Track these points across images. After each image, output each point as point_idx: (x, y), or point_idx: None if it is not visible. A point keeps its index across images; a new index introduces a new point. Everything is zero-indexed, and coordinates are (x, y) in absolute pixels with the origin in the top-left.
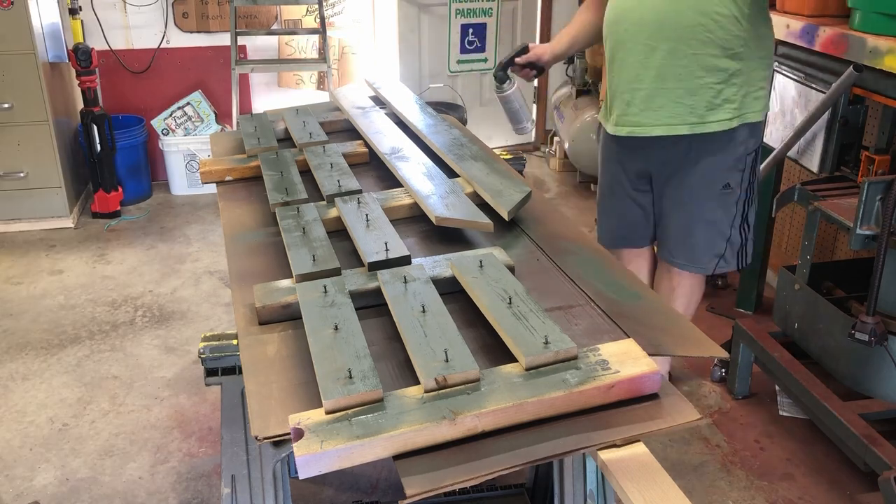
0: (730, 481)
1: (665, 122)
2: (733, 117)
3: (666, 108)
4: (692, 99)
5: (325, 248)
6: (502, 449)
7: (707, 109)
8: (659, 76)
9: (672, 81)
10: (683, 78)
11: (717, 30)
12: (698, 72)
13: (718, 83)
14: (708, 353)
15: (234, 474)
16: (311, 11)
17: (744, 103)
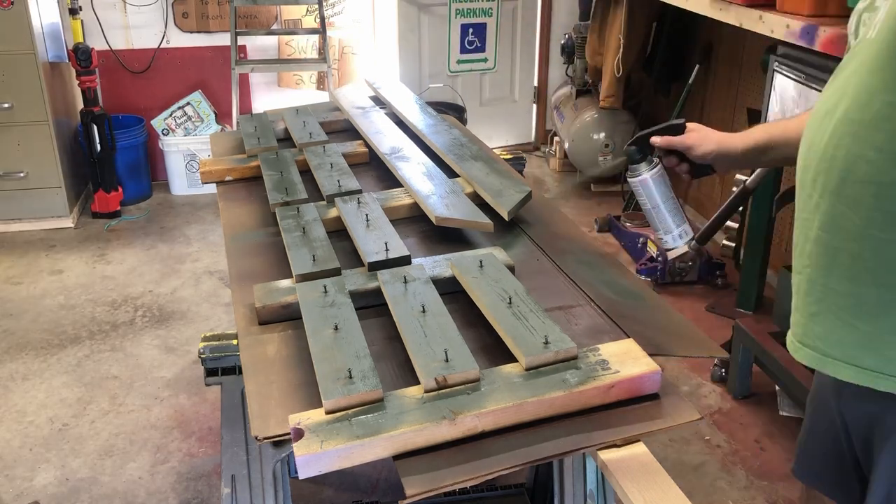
0: (730, 481)
1: (870, 365)
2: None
3: (866, 338)
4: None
5: (325, 248)
6: (502, 449)
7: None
8: (832, 268)
9: (866, 288)
10: (880, 290)
11: None
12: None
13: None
14: (708, 353)
15: (234, 474)
16: (311, 11)
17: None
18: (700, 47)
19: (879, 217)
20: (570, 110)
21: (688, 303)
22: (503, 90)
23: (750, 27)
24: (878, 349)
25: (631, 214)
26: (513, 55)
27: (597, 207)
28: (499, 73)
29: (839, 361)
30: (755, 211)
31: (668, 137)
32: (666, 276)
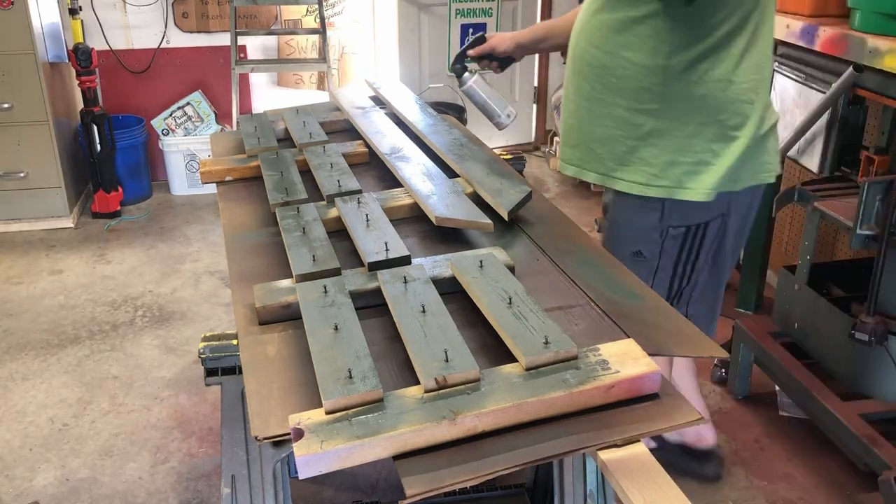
0: (730, 481)
1: (576, 163)
2: (648, 183)
3: (578, 147)
4: (601, 147)
5: (325, 248)
6: (502, 449)
7: (617, 164)
8: (575, 112)
9: (585, 122)
10: (592, 121)
11: (625, 77)
12: (606, 119)
13: (629, 138)
14: (708, 353)
15: (234, 474)
16: (311, 11)
17: (668, 173)
18: None
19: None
20: None
21: None
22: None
23: None
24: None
25: None
26: None
27: (597, 207)
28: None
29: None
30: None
31: (477, 48)
32: None
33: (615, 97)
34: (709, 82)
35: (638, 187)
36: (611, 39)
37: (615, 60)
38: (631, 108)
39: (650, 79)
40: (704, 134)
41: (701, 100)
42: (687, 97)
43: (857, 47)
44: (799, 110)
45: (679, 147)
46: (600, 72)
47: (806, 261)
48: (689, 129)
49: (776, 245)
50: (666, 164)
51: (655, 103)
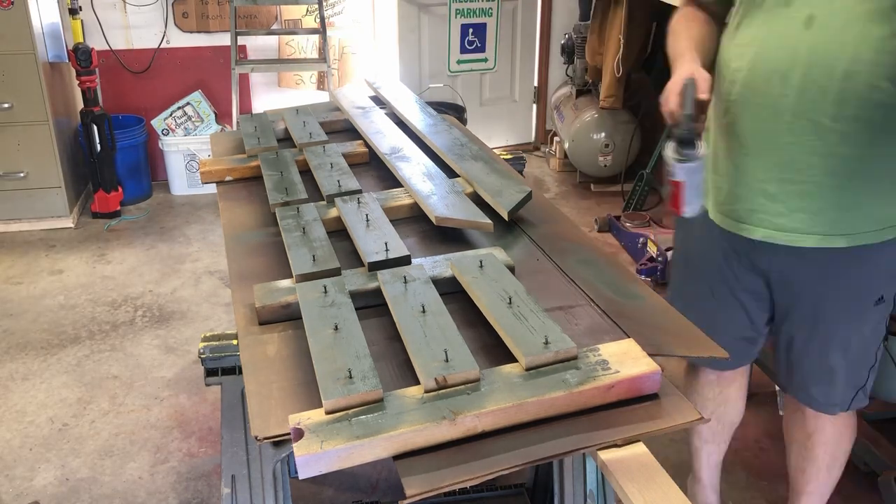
0: (730, 481)
1: (824, 231)
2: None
3: (849, 210)
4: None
5: (325, 248)
6: (502, 449)
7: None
8: (832, 171)
9: (858, 180)
10: (881, 176)
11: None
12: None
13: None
14: (708, 353)
15: (234, 474)
16: (311, 11)
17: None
18: None
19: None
20: (570, 110)
21: None
22: (503, 90)
23: None
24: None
25: (631, 214)
26: (513, 55)
27: (597, 207)
28: (499, 73)
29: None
30: None
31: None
32: (666, 276)
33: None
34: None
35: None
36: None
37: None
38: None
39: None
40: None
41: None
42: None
43: None
44: None
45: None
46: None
47: None
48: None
49: None
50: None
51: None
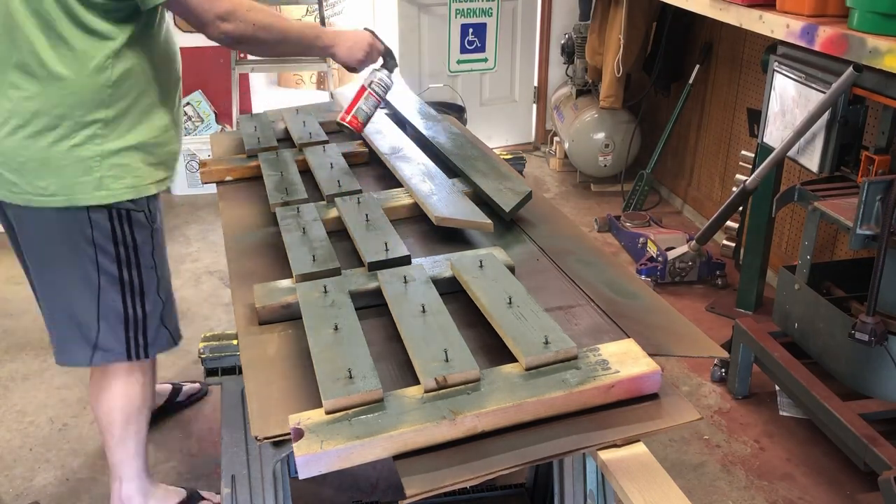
0: (730, 481)
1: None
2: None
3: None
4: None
5: (325, 248)
6: (502, 449)
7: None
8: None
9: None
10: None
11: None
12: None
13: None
14: (708, 353)
15: (234, 474)
16: (311, 11)
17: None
18: (700, 47)
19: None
20: (570, 110)
21: (688, 303)
22: (503, 90)
23: (750, 27)
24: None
25: (631, 214)
26: (513, 55)
27: (597, 207)
28: (499, 73)
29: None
30: (755, 211)
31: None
32: (666, 276)
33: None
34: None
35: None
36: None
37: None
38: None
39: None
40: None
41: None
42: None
43: (857, 47)
44: (799, 110)
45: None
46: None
47: (806, 261)
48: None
49: (776, 245)
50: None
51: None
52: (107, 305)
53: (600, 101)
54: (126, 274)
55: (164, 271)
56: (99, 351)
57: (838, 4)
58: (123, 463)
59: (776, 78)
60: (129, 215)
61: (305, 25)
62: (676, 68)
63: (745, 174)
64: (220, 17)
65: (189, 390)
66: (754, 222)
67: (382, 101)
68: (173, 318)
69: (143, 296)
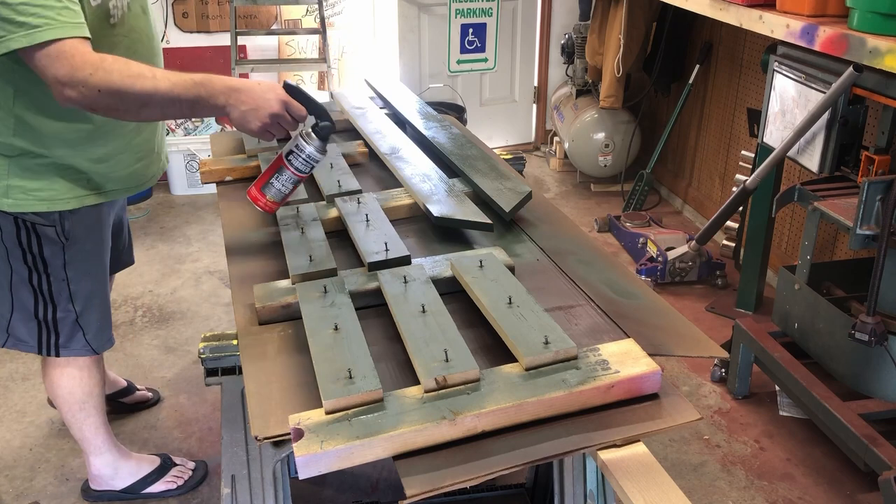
0: (730, 481)
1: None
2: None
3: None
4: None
5: (323, 248)
6: (502, 449)
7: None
8: None
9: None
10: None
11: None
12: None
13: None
14: (708, 353)
15: (234, 474)
16: (311, 11)
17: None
18: (700, 47)
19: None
20: (570, 110)
21: (688, 303)
22: (503, 90)
23: (750, 27)
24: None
25: (631, 214)
26: (513, 55)
27: (597, 207)
28: (499, 73)
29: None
30: (755, 211)
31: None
32: (666, 276)
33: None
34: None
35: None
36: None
37: None
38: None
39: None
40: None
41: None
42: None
43: (857, 47)
44: (799, 110)
45: None
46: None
47: (806, 261)
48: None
49: (776, 245)
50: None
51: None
52: (19, 300)
53: (600, 101)
54: (35, 279)
55: (81, 284)
56: (11, 338)
57: (838, 4)
58: (85, 441)
59: (776, 78)
60: (35, 228)
61: (186, 82)
62: (676, 68)
63: (745, 174)
64: (59, 81)
65: (139, 397)
66: (754, 222)
67: (303, 175)
68: (94, 326)
69: (54, 304)
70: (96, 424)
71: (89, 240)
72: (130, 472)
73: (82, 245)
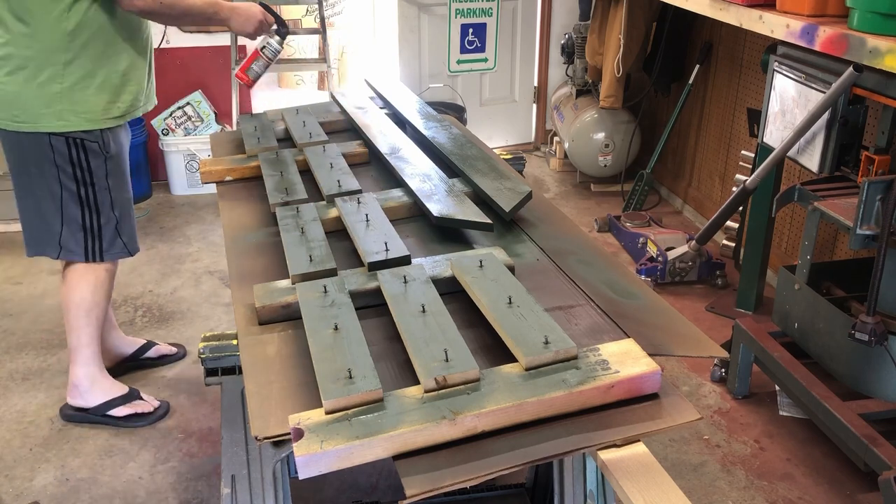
0: (730, 481)
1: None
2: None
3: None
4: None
5: (323, 248)
6: (502, 449)
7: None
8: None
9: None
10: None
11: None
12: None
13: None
14: (708, 353)
15: (234, 474)
16: (311, 11)
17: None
18: (700, 47)
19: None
20: (570, 110)
21: (688, 303)
22: (503, 90)
23: (750, 27)
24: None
25: (631, 214)
26: (513, 55)
27: (597, 207)
28: (499, 73)
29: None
30: (755, 211)
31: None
32: (666, 276)
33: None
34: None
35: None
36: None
37: None
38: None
39: None
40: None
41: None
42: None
43: (857, 47)
44: (799, 110)
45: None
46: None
47: (806, 260)
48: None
49: (776, 245)
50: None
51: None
52: (68, 214)
53: (600, 101)
54: (83, 191)
55: (119, 192)
56: (63, 250)
57: (838, 4)
58: (77, 349)
59: (776, 78)
60: (84, 144)
61: (206, 2)
62: (676, 68)
63: (745, 174)
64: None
65: (164, 349)
66: (754, 222)
67: (271, 62)
68: (128, 232)
69: (98, 211)
70: (92, 335)
71: (120, 154)
72: (103, 390)
73: (117, 158)
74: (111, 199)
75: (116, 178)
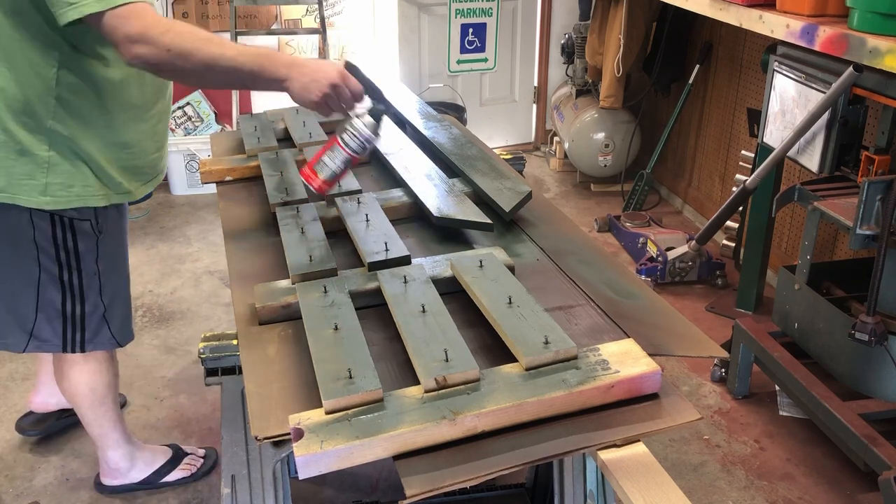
0: (730, 481)
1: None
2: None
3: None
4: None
5: (322, 248)
6: (502, 449)
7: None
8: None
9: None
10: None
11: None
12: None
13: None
14: (708, 353)
15: (234, 474)
16: (310, 11)
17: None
18: (700, 47)
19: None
20: (570, 110)
21: (688, 303)
22: (503, 90)
23: (750, 27)
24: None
25: (631, 214)
26: (513, 55)
27: (597, 207)
28: (499, 73)
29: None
30: (755, 211)
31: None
32: (666, 276)
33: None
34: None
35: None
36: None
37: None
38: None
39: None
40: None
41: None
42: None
43: (857, 47)
44: (799, 110)
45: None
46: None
47: (806, 261)
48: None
49: (776, 245)
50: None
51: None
52: (45, 300)
53: (600, 101)
54: (66, 275)
55: (110, 277)
56: (34, 340)
57: (838, 4)
58: (103, 437)
59: (776, 78)
60: (73, 223)
61: (250, 53)
62: (676, 68)
63: (745, 174)
64: (130, 38)
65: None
66: (754, 222)
67: (355, 156)
68: (118, 320)
69: (83, 298)
70: (114, 419)
71: (118, 233)
72: (146, 462)
73: (112, 238)
74: (100, 285)
75: (109, 260)
